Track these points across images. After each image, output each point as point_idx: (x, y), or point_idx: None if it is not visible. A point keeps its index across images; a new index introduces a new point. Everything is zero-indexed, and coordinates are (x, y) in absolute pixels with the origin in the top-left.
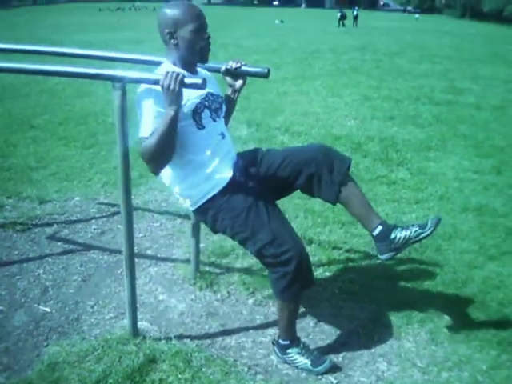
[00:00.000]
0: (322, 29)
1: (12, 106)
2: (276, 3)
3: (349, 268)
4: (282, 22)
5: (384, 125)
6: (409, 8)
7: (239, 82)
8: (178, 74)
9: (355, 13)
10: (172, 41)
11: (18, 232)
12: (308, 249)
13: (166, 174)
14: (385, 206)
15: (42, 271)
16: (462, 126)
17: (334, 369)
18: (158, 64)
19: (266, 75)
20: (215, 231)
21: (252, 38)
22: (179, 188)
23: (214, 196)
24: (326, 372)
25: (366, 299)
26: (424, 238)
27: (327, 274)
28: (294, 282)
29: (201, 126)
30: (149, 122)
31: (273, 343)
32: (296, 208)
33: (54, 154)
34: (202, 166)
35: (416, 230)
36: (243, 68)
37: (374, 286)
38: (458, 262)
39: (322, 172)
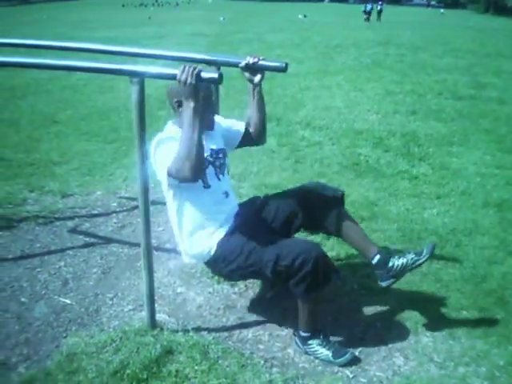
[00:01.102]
0: (345, 23)
1: (35, 101)
2: None
3: (367, 263)
4: (305, 16)
5: (406, 119)
6: (432, 2)
7: (257, 77)
8: (194, 68)
9: (379, 7)
10: (180, 109)
11: (41, 225)
12: (327, 244)
13: (175, 231)
14: (405, 201)
15: (63, 264)
16: (485, 121)
17: (355, 361)
18: (178, 59)
19: (283, 69)
20: (230, 280)
21: (275, 32)
22: (185, 246)
23: (215, 249)
24: (347, 364)
25: (384, 294)
26: (420, 264)
27: (346, 269)
28: (314, 281)
29: (206, 185)
30: (169, 156)
31: (294, 334)
32: None
33: (76, 148)
34: (206, 225)
35: (412, 258)
36: (261, 63)
37: None
38: (478, 257)
39: (317, 210)
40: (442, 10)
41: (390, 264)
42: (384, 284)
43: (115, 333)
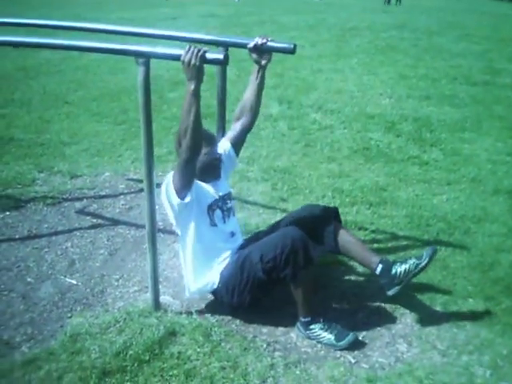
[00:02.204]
0: (361, 6)
1: (47, 82)
2: None
3: (373, 249)
4: None
5: (419, 104)
6: None
7: (265, 59)
8: (199, 50)
9: None
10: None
11: (49, 206)
12: None
13: (182, 265)
14: (415, 187)
15: (69, 244)
16: (498, 107)
17: (357, 345)
18: (187, 40)
19: (291, 51)
20: (243, 305)
21: (289, 14)
22: (189, 279)
23: (218, 282)
24: (350, 346)
25: None
26: (423, 268)
27: None
28: (296, 261)
29: (213, 223)
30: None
31: (296, 319)
32: (324, 187)
33: (86, 129)
34: (210, 260)
35: (414, 262)
36: (269, 44)
37: None
38: (486, 244)
39: (314, 231)
40: None
41: (393, 271)
42: (390, 293)
43: (119, 314)
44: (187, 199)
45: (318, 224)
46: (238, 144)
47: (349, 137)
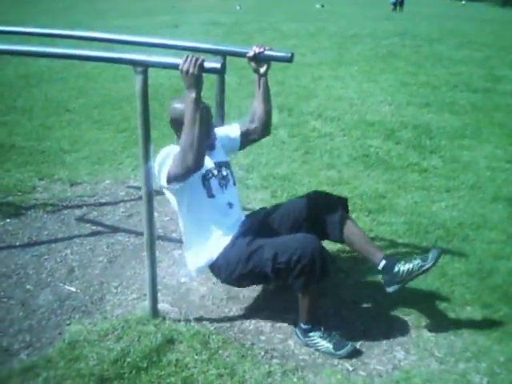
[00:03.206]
0: (363, 14)
1: (49, 89)
2: None
3: None
4: (322, 6)
5: (419, 111)
6: None
7: (263, 67)
8: (197, 59)
9: None
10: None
11: (49, 213)
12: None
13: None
14: (414, 194)
15: (69, 252)
16: (498, 114)
17: (355, 354)
18: (186, 49)
19: (289, 59)
20: (235, 286)
21: (290, 22)
22: (190, 253)
23: (217, 257)
24: (348, 356)
25: None
26: (427, 270)
27: (351, 261)
28: (312, 273)
29: (210, 195)
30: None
31: (295, 327)
32: None
33: (87, 137)
34: (209, 233)
35: (418, 263)
36: (266, 53)
37: None
38: (485, 251)
39: (321, 216)
40: (463, 2)
41: (396, 269)
42: (390, 290)
43: (118, 321)
44: (176, 187)
45: (325, 212)
46: (245, 140)
47: (348, 144)
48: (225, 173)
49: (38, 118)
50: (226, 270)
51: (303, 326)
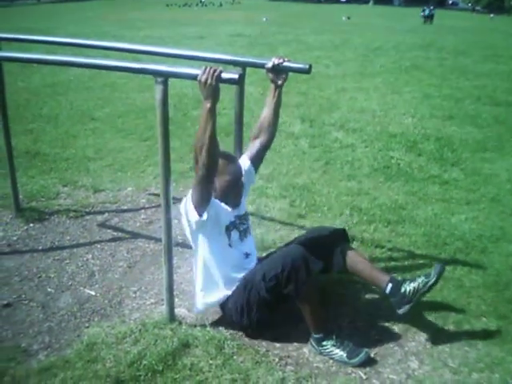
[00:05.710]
0: (388, 26)
1: (75, 98)
2: (343, 0)
3: (390, 267)
4: (348, 18)
5: (442, 124)
6: (477, 8)
7: (281, 78)
8: (215, 70)
9: (428, 12)
10: None
11: (71, 219)
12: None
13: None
14: (434, 206)
15: (90, 256)
16: None
17: (369, 362)
18: (208, 60)
19: (307, 71)
20: (250, 325)
21: (315, 34)
22: (199, 295)
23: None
24: (362, 363)
25: None
26: (432, 285)
27: None
28: (298, 278)
29: (230, 244)
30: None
31: (309, 335)
32: (343, 205)
33: (111, 145)
34: (222, 280)
35: (423, 280)
36: (285, 64)
37: None
38: (503, 264)
39: (323, 252)
40: (491, 15)
41: (403, 290)
42: (400, 311)
43: (135, 325)
44: (205, 216)
45: (326, 245)
46: (256, 161)
47: (370, 155)
48: (246, 226)
49: (63, 125)
50: (235, 312)
51: (315, 335)
